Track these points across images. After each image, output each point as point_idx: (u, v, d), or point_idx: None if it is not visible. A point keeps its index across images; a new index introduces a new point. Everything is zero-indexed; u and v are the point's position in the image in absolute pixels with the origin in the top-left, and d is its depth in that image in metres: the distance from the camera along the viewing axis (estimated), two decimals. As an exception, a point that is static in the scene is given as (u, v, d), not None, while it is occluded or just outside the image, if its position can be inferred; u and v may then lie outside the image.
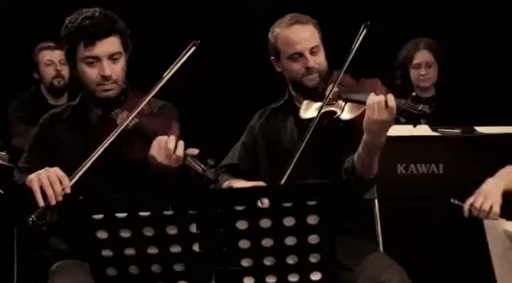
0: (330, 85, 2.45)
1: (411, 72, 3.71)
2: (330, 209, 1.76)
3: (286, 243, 1.78)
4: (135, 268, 1.81)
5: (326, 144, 2.40)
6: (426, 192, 3.06)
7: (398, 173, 3.03)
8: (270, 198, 1.76)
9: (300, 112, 2.47)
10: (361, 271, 2.32)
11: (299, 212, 1.76)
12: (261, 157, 2.56)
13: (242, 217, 1.76)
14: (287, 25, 2.48)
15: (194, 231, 1.77)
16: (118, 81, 2.31)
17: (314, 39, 2.46)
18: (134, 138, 2.25)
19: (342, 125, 2.38)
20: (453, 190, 3.02)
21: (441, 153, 3.05)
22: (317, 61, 2.45)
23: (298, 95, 2.53)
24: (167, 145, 2.16)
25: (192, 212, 1.76)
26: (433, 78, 3.71)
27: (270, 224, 1.77)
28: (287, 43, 2.46)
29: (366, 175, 2.31)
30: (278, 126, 2.56)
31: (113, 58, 2.29)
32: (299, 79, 2.47)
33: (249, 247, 1.78)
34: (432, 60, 3.68)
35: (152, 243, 1.79)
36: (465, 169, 3.03)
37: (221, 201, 1.78)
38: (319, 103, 2.43)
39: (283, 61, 2.49)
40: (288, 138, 2.52)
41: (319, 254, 1.78)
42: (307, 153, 2.32)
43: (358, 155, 2.29)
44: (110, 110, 2.31)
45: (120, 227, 1.78)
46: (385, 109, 2.20)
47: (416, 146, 3.00)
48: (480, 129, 3.13)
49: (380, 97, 2.21)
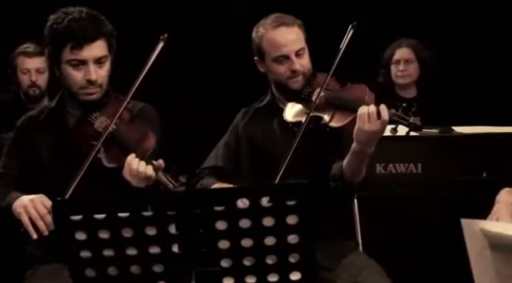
0: (315, 88, 2.43)
1: (391, 69, 3.74)
2: (310, 208, 1.76)
3: (266, 243, 1.78)
4: (114, 269, 1.80)
5: (311, 148, 2.40)
6: (404, 191, 3.08)
7: (376, 172, 3.05)
8: (249, 198, 1.76)
9: (284, 114, 2.46)
10: (340, 271, 2.32)
11: (278, 212, 1.76)
12: (243, 158, 2.55)
13: (221, 218, 1.76)
14: (273, 26, 2.45)
15: (173, 232, 1.77)
16: (103, 84, 2.29)
17: (300, 41, 2.45)
18: (110, 145, 2.24)
19: (328, 131, 2.38)
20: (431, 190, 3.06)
21: (419, 152, 3.07)
22: (302, 63, 2.44)
23: (281, 96, 2.52)
24: (138, 169, 2.15)
25: (171, 213, 1.76)
26: (411, 76, 3.73)
27: (250, 224, 1.76)
28: (273, 45, 2.44)
29: (354, 180, 2.32)
30: (262, 127, 2.55)
31: (99, 62, 2.26)
32: (284, 81, 2.46)
33: (228, 247, 1.78)
34: (412, 57, 3.71)
35: (131, 244, 1.78)
36: (443, 168, 3.06)
37: (200, 201, 1.77)
38: (304, 106, 2.42)
39: (268, 62, 2.47)
40: (271, 140, 2.51)
41: (299, 254, 1.78)
42: (294, 157, 2.32)
43: (347, 162, 2.29)
44: (89, 113, 2.29)
45: (99, 228, 1.76)
46: (377, 120, 2.19)
47: (394, 146, 3.02)
48: (458, 129, 3.15)
49: (372, 107, 2.21)
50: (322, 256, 2.21)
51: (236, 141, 2.57)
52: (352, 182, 2.32)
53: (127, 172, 2.18)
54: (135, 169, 2.15)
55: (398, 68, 3.71)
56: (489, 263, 1.54)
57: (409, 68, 3.71)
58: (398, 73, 3.71)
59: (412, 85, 3.78)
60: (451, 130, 3.14)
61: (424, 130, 3.09)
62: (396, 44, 3.76)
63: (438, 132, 3.12)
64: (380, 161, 3.05)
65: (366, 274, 2.27)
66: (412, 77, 3.73)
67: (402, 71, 3.70)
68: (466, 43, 4.11)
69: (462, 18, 4.13)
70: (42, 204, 2.15)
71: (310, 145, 2.38)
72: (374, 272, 2.30)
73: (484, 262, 1.55)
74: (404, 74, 3.71)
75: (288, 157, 2.29)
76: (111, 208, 1.77)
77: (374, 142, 2.23)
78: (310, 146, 2.38)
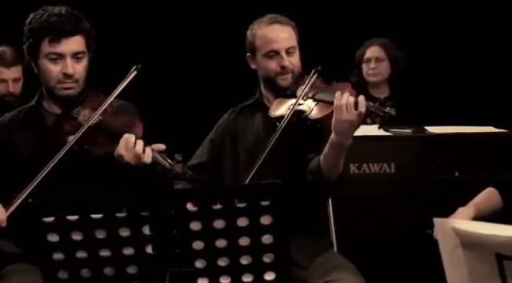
0: (301, 86, 2.48)
1: (363, 67, 3.76)
2: (284, 209, 1.77)
3: (240, 243, 1.78)
4: (87, 271, 1.79)
5: (292, 144, 2.42)
6: (378, 191, 3.09)
7: (350, 172, 3.06)
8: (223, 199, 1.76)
9: (270, 111, 2.49)
10: (314, 269, 2.33)
11: (253, 212, 1.76)
12: (226, 155, 2.57)
13: (195, 218, 1.76)
14: (267, 23, 2.52)
15: (147, 233, 1.76)
16: (80, 80, 2.32)
17: (291, 40, 2.50)
18: (97, 135, 2.26)
19: (309, 125, 2.40)
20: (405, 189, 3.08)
21: (393, 152, 3.09)
22: (292, 61, 2.48)
23: (269, 94, 2.55)
24: (136, 147, 2.18)
25: (145, 213, 1.75)
26: (382, 74, 3.76)
27: (224, 224, 1.76)
28: (265, 41, 2.49)
29: (331, 175, 2.33)
30: (245, 122, 2.58)
31: (76, 57, 2.29)
32: (273, 77, 2.50)
33: (202, 248, 1.78)
34: (383, 56, 3.73)
35: (104, 245, 1.77)
36: (416, 168, 3.08)
37: (174, 202, 1.77)
38: (289, 102, 2.45)
39: (259, 58, 2.52)
40: (253, 135, 2.54)
41: (273, 254, 1.79)
42: (272, 152, 2.33)
43: (325, 155, 2.30)
44: (71, 109, 2.31)
45: (71, 230, 1.75)
46: (354, 110, 2.22)
47: (368, 146, 3.04)
48: (430, 128, 3.18)
49: (349, 97, 2.24)
50: (296, 252, 2.22)
51: (220, 139, 2.60)
52: (329, 177, 2.33)
53: (123, 147, 2.20)
54: (132, 141, 2.18)
55: (369, 66, 3.74)
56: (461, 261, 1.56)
57: (379, 66, 3.74)
58: (369, 71, 3.74)
59: (384, 84, 3.80)
60: (424, 130, 3.17)
61: (397, 130, 3.12)
62: (367, 43, 3.78)
63: (410, 132, 3.15)
64: (354, 161, 3.07)
65: (339, 273, 2.28)
66: (383, 75, 3.76)
67: (373, 69, 3.73)
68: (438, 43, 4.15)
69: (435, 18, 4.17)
70: None
71: (291, 140, 2.40)
72: (348, 271, 2.31)
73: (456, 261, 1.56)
74: (375, 72, 3.74)
75: (267, 151, 2.30)
76: (84, 209, 1.75)
77: (351, 133, 2.26)
78: (290, 141, 2.41)
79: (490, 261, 1.50)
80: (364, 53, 3.75)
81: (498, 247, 1.48)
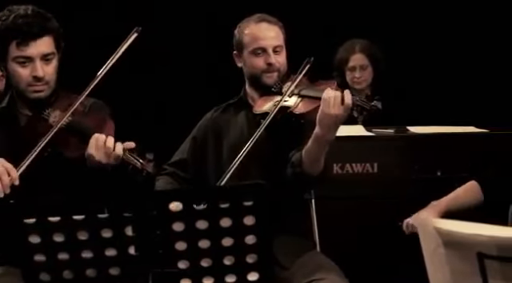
0: (286, 83, 2.49)
1: (347, 74, 3.77)
2: (266, 209, 1.77)
3: (223, 244, 1.78)
4: (69, 272, 1.77)
5: (275, 141, 2.42)
6: (361, 191, 3.10)
7: (334, 172, 3.07)
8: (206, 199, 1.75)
9: (254, 108, 2.50)
10: (297, 270, 2.34)
11: (236, 213, 1.76)
12: (209, 152, 2.57)
13: (178, 219, 1.75)
14: (255, 22, 2.54)
15: (130, 234, 1.75)
16: (50, 82, 2.28)
17: (279, 39, 2.52)
18: (68, 137, 2.23)
19: (293, 121, 2.41)
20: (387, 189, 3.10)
21: (375, 152, 3.10)
22: (278, 59, 2.50)
23: (254, 92, 2.55)
24: (106, 144, 2.16)
25: (127, 214, 1.74)
26: (367, 80, 3.78)
27: (207, 225, 1.76)
28: (252, 38, 2.51)
29: (312, 170, 2.33)
30: (229, 121, 2.59)
31: (46, 59, 2.25)
32: (259, 75, 2.51)
33: (185, 249, 1.77)
34: (366, 63, 3.75)
35: (86, 247, 1.76)
36: (399, 167, 3.09)
37: (156, 202, 1.76)
38: (274, 100, 2.46)
39: (245, 55, 2.53)
40: (237, 133, 2.54)
41: (256, 254, 1.79)
42: (255, 149, 2.33)
43: (307, 149, 2.31)
44: (41, 110, 2.27)
45: (53, 231, 1.74)
46: (340, 104, 2.23)
47: (351, 146, 3.04)
48: (413, 128, 3.20)
49: (337, 92, 2.25)
50: (280, 254, 2.22)
51: (203, 136, 2.60)
52: (310, 172, 2.33)
53: (92, 146, 2.17)
54: (102, 140, 2.16)
55: (354, 75, 3.75)
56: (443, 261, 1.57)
57: (364, 74, 3.76)
58: (355, 79, 3.76)
59: (367, 87, 3.82)
60: (406, 130, 3.18)
61: (379, 130, 3.14)
62: (348, 48, 3.78)
63: (393, 132, 3.16)
64: (337, 161, 3.07)
65: (322, 273, 2.28)
66: (367, 81, 3.78)
67: (359, 78, 3.75)
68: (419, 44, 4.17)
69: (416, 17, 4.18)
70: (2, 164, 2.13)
71: (275, 136, 2.41)
72: (331, 271, 2.32)
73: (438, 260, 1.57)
74: (360, 81, 3.76)
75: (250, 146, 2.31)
76: (66, 210, 1.74)
77: (335, 128, 2.27)
78: (274, 138, 2.41)
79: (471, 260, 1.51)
80: (347, 61, 3.75)
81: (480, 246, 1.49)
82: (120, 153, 2.16)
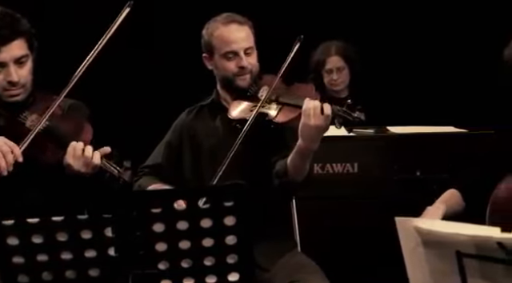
0: (262, 87, 2.46)
1: (324, 76, 3.79)
2: (247, 209, 1.77)
3: (204, 245, 1.77)
4: (48, 274, 1.76)
5: (256, 146, 2.41)
6: (341, 191, 3.11)
7: (314, 172, 3.07)
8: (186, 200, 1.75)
9: (229, 112, 2.47)
10: (278, 271, 2.34)
11: (216, 213, 1.76)
12: (185, 156, 2.55)
13: (158, 220, 1.75)
14: (224, 23, 2.48)
15: (110, 235, 1.74)
16: (26, 84, 2.24)
17: (249, 40, 2.48)
18: (46, 142, 2.20)
19: (273, 128, 2.39)
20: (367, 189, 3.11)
21: (355, 152, 3.12)
22: (250, 61, 2.47)
23: (227, 95, 2.53)
24: (84, 153, 2.14)
25: (107, 215, 1.73)
26: (345, 82, 3.80)
27: (187, 226, 1.76)
28: (223, 41, 2.46)
29: (298, 178, 2.33)
30: (205, 125, 2.56)
31: (19, 62, 2.21)
32: (231, 78, 2.48)
33: (166, 249, 1.76)
34: (343, 64, 3.77)
35: (66, 248, 1.74)
36: (379, 167, 3.11)
37: (136, 203, 1.75)
38: (250, 104, 2.44)
39: (216, 58, 2.49)
40: (214, 138, 2.52)
41: (237, 255, 1.79)
42: (236, 155, 2.32)
43: (291, 159, 2.30)
44: (18, 114, 2.24)
45: (32, 232, 1.72)
46: (320, 115, 2.22)
47: (331, 146, 3.05)
48: (393, 129, 3.21)
49: (316, 102, 2.23)
50: (260, 256, 2.22)
51: (178, 140, 2.57)
52: (296, 179, 2.33)
53: (70, 155, 2.16)
54: (79, 149, 2.14)
55: (332, 77, 3.77)
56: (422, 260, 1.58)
57: (341, 75, 3.78)
58: (332, 81, 3.78)
59: (345, 88, 3.84)
60: (386, 130, 3.20)
61: (359, 130, 3.15)
62: (324, 50, 3.79)
63: (373, 132, 3.17)
64: (317, 162, 3.08)
65: (303, 274, 2.29)
66: (345, 82, 3.81)
67: (336, 80, 3.77)
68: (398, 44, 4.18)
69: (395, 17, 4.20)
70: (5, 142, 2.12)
71: (254, 143, 2.40)
72: (312, 271, 2.33)
73: (417, 259, 1.59)
74: (338, 82, 3.78)
75: (231, 154, 2.30)
76: (45, 212, 1.73)
77: (318, 138, 2.26)
78: (253, 144, 2.40)
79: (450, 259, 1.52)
80: (324, 63, 3.77)
81: (458, 245, 1.50)
82: (98, 162, 2.15)
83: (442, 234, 1.51)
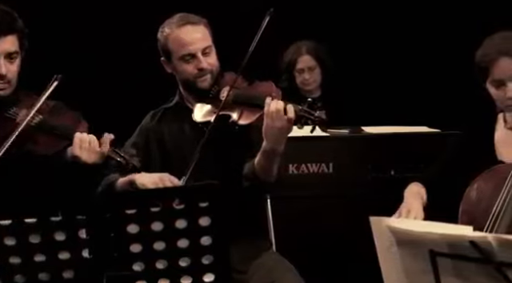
0: (223, 87, 2.44)
1: (296, 76, 3.80)
2: (222, 210, 1.77)
3: (179, 245, 1.77)
4: (21, 277, 1.75)
5: (222, 148, 2.40)
6: (316, 191, 3.12)
7: (289, 173, 3.08)
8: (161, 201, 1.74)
9: (194, 115, 2.45)
10: (253, 272, 2.34)
11: (191, 214, 1.75)
12: (154, 160, 2.52)
13: (132, 221, 1.74)
14: (178, 25, 2.44)
15: (84, 236, 1.73)
16: (12, 80, 2.28)
17: (206, 39, 2.44)
18: (39, 135, 2.23)
19: (237, 129, 2.38)
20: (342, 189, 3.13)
21: (330, 152, 3.12)
22: (209, 61, 2.43)
23: (190, 96, 2.50)
24: (91, 144, 2.17)
25: (81, 217, 1.72)
26: (317, 81, 3.82)
27: (162, 227, 1.75)
28: (179, 44, 2.43)
29: (267, 179, 2.33)
30: (171, 128, 2.53)
31: (10, 57, 2.26)
32: (192, 80, 2.45)
33: (140, 251, 1.76)
34: (314, 64, 3.78)
35: (39, 250, 1.73)
36: (353, 167, 3.12)
37: (111, 205, 1.74)
38: (212, 106, 2.42)
39: (174, 62, 2.46)
40: (181, 141, 2.50)
41: (212, 256, 1.79)
42: (203, 157, 2.31)
43: (258, 161, 2.30)
44: (6, 110, 2.27)
45: (4, 235, 1.71)
46: (283, 117, 2.21)
47: (306, 146, 3.06)
48: (367, 129, 3.23)
49: (279, 104, 2.22)
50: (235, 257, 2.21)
51: (145, 143, 2.54)
52: (265, 181, 2.33)
53: (77, 147, 2.18)
54: (86, 139, 2.17)
55: (304, 77, 3.79)
56: (396, 259, 1.59)
57: (313, 75, 3.80)
58: (304, 81, 3.80)
59: (317, 88, 3.86)
60: (361, 130, 3.21)
61: (334, 131, 3.16)
62: (295, 50, 3.80)
63: (348, 132, 3.19)
64: (293, 162, 3.09)
65: (278, 274, 2.29)
66: (317, 82, 3.82)
67: (308, 80, 3.78)
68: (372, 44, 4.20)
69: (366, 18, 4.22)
70: None
71: (220, 144, 2.38)
72: (287, 271, 2.33)
73: (392, 258, 1.60)
74: (310, 82, 3.79)
75: (196, 157, 2.28)
76: (17, 214, 1.71)
77: (282, 140, 2.25)
78: (220, 146, 2.39)
79: (424, 258, 1.54)
80: (296, 63, 3.78)
81: (432, 244, 1.51)
82: (106, 149, 2.18)
83: (416, 233, 1.53)
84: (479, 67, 2.26)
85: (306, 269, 2.45)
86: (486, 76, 2.25)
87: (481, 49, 2.28)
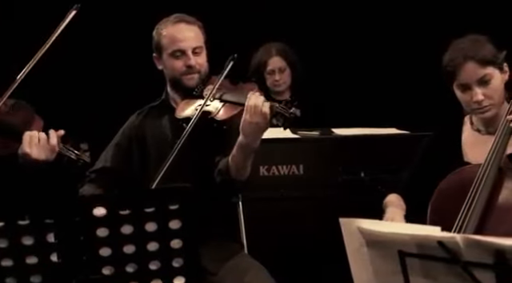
0: (207, 86, 2.46)
1: (266, 77, 3.81)
2: (192, 212, 1.76)
3: (149, 249, 1.76)
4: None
5: (200, 145, 2.40)
6: (287, 192, 3.13)
7: (260, 174, 3.09)
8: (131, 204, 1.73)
9: (177, 112, 2.46)
10: (224, 274, 2.34)
11: (161, 217, 1.75)
12: (134, 157, 2.53)
13: (102, 224, 1.73)
14: (173, 22, 2.49)
15: (52, 240, 1.71)
16: None
17: (198, 40, 2.48)
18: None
19: (215, 126, 2.39)
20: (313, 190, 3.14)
21: (301, 154, 3.14)
22: (198, 61, 2.46)
23: (176, 94, 2.52)
24: (41, 141, 2.16)
25: (49, 221, 1.70)
26: (287, 82, 3.83)
27: (132, 230, 1.74)
28: (171, 40, 2.47)
29: (239, 176, 2.33)
30: (152, 125, 2.55)
31: None
32: (179, 77, 2.47)
33: (110, 254, 1.75)
34: (284, 65, 3.80)
35: (6, 255, 1.71)
36: (324, 169, 3.13)
37: (80, 208, 1.73)
38: (196, 103, 2.44)
39: (165, 57, 2.49)
40: (161, 138, 2.51)
41: (182, 258, 1.78)
42: (180, 154, 2.31)
43: (233, 156, 2.31)
44: None
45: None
46: (260, 113, 2.23)
47: (277, 148, 3.07)
48: (337, 130, 3.25)
49: (259, 100, 2.24)
50: (206, 260, 2.21)
51: (128, 143, 2.55)
52: (237, 178, 2.33)
53: (27, 144, 2.17)
54: (35, 136, 2.16)
55: (274, 78, 3.80)
56: (366, 260, 1.60)
57: (283, 76, 3.81)
58: (275, 82, 3.81)
59: (287, 90, 3.87)
60: (331, 132, 3.23)
61: (305, 132, 3.17)
62: (266, 52, 3.81)
63: (318, 134, 3.20)
64: (263, 164, 3.09)
65: (250, 276, 2.29)
66: (286, 83, 3.84)
67: (278, 81, 3.80)
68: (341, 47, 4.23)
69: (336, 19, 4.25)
70: None
71: (198, 142, 2.39)
72: (259, 273, 2.33)
73: (361, 259, 1.60)
74: (280, 83, 3.81)
75: (174, 154, 2.28)
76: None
77: (259, 135, 2.27)
78: (198, 144, 2.39)
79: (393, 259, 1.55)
80: (266, 65, 3.79)
81: (401, 245, 1.53)
82: (55, 143, 2.16)
83: (385, 234, 1.54)
84: (446, 71, 2.29)
85: (277, 271, 2.45)
86: (453, 79, 2.28)
87: (447, 53, 2.30)
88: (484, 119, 2.31)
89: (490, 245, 1.40)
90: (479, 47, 2.25)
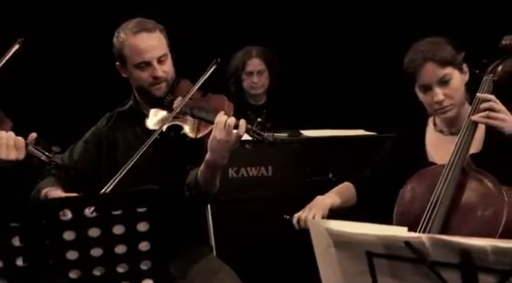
0: (177, 96, 2.42)
1: (244, 79, 3.81)
2: (161, 215, 1.75)
3: (116, 252, 1.75)
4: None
5: (167, 156, 2.38)
6: (256, 194, 3.14)
7: (229, 176, 3.09)
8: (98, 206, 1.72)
9: (146, 121, 2.43)
10: (193, 277, 2.33)
11: (129, 219, 1.73)
12: (104, 162, 2.50)
13: (68, 228, 1.71)
14: (134, 32, 2.41)
15: (17, 244, 1.69)
16: None
17: (162, 47, 2.43)
18: None
19: (188, 140, 2.37)
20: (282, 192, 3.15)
21: (269, 156, 3.15)
22: (164, 69, 2.41)
23: (144, 102, 2.49)
24: (9, 141, 2.14)
25: (14, 224, 1.68)
26: (264, 85, 3.83)
27: (99, 233, 1.72)
28: (134, 51, 2.40)
29: (209, 190, 2.32)
30: (125, 133, 2.51)
31: None
32: (146, 88, 2.43)
33: (77, 258, 1.73)
34: (263, 67, 3.80)
35: (-30, 259, 1.68)
36: (292, 170, 3.15)
37: (46, 211, 1.71)
38: (165, 115, 2.40)
39: (130, 68, 2.43)
40: (133, 146, 2.46)
41: (150, 261, 1.77)
42: (145, 162, 2.29)
43: (201, 172, 2.29)
44: None
45: None
46: (232, 132, 2.21)
47: (246, 150, 3.07)
48: (306, 132, 3.26)
49: (231, 119, 2.22)
50: (175, 262, 2.20)
51: (97, 144, 2.52)
52: (206, 191, 2.32)
53: None
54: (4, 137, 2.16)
55: (252, 80, 3.80)
56: (334, 261, 1.61)
57: (261, 78, 3.81)
58: (253, 84, 3.81)
59: (263, 93, 3.88)
60: (299, 134, 3.25)
61: (273, 134, 3.18)
62: (245, 53, 3.81)
63: (286, 135, 3.21)
64: (232, 166, 3.09)
65: (218, 279, 2.29)
66: (264, 86, 3.84)
67: (256, 83, 3.79)
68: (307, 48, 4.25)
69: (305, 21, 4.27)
70: None
71: (167, 153, 2.37)
72: (227, 276, 2.33)
73: (329, 260, 1.61)
74: (258, 86, 3.81)
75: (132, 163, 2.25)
76: None
77: (226, 154, 2.25)
78: (166, 154, 2.37)
79: (361, 259, 1.56)
80: (245, 66, 3.78)
81: (368, 245, 1.54)
82: (22, 144, 2.15)
83: (352, 235, 1.54)
84: (407, 73, 2.32)
85: (246, 273, 2.45)
86: (414, 81, 2.31)
87: (408, 55, 2.33)
88: (446, 120, 2.35)
89: (455, 245, 1.41)
90: (438, 48, 2.28)
